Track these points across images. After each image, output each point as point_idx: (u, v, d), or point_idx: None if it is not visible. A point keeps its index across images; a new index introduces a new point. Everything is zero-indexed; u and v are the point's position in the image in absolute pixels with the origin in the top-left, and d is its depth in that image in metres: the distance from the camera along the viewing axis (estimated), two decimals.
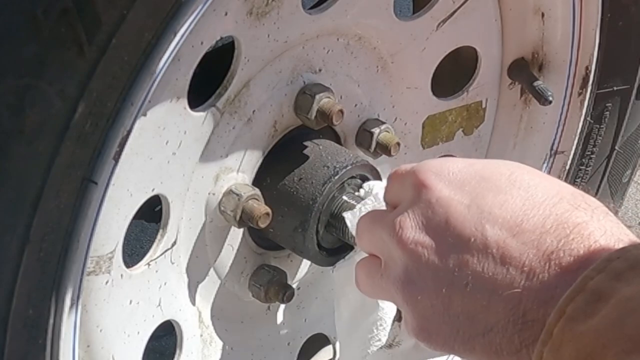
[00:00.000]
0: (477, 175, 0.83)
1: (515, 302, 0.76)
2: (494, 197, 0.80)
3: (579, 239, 0.76)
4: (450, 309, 0.80)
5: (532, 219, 0.78)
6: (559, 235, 0.77)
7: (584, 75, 1.55)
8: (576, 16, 1.48)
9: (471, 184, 0.82)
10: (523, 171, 0.83)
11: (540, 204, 0.79)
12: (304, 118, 1.30)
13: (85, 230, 1.02)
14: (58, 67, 0.91)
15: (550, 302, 0.74)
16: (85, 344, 1.16)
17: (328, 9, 1.27)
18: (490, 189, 0.81)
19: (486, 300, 0.78)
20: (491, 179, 0.82)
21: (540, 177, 0.83)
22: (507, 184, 0.81)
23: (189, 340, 1.33)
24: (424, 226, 0.82)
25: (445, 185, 0.83)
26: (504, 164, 0.84)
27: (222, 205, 1.26)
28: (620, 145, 1.65)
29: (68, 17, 0.89)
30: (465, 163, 0.84)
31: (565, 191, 0.81)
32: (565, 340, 0.71)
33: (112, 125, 0.99)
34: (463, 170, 0.83)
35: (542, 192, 0.80)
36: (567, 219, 0.78)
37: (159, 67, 1.01)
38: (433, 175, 0.84)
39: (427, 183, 0.83)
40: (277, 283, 1.36)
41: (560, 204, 0.79)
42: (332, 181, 1.29)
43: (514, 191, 0.80)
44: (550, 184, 0.82)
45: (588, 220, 0.78)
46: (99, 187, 1.01)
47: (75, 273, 1.04)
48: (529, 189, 0.80)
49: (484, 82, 1.54)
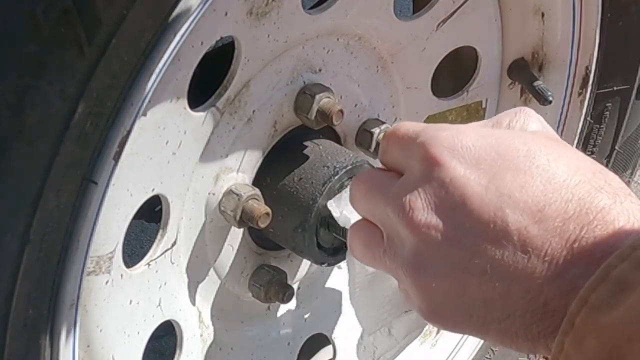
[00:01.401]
0: (492, 150, 0.77)
1: (536, 292, 0.73)
2: (512, 178, 0.75)
3: (603, 226, 0.73)
4: (465, 295, 0.76)
5: (554, 203, 0.74)
6: (582, 221, 0.73)
7: (584, 75, 1.55)
8: (576, 16, 1.48)
9: (487, 161, 0.77)
10: (540, 145, 0.78)
11: (561, 186, 0.75)
12: (304, 118, 1.30)
13: (85, 230, 1.02)
14: (58, 67, 0.91)
15: (572, 292, 0.71)
16: (85, 344, 1.16)
17: (328, 9, 1.27)
18: (508, 167, 0.76)
19: (505, 289, 0.74)
20: (507, 155, 0.77)
21: (558, 151, 0.78)
22: (526, 161, 0.76)
23: (189, 340, 1.33)
24: (437, 208, 0.77)
25: (460, 162, 0.77)
26: (518, 137, 0.79)
27: (222, 205, 1.26)
28: (620, 145, 1.65)
29: (68, 17, 0.89)
30: (478, 134, 0.79)
31: (585, 168, 0.76)
32: (588, 332, 0.68)
33: (112, 125, 0.99)
34: (477, 144, 0.78)
35: (562, 171, 0.76)
36: (590, 203, 0.74)
37: (159, 67, 1.01)
38: (445, 150, 0.78)
39: (439, 159, 0.78)
40: (277, 283, 1.36)
41: (582, 185, 0.75)
42: (332, 181, 1.29)
43: (533, 170, 0.76)
44: (569, 158, 0.77)
45: (611, 204, 0.74)
46: (99, 187, 1.01)
47: (75, 273, 1.04)
48: (549, 169, 0.76)
49: (484, 82, 1.54)
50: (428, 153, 0.78)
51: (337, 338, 1.54)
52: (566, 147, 0.81)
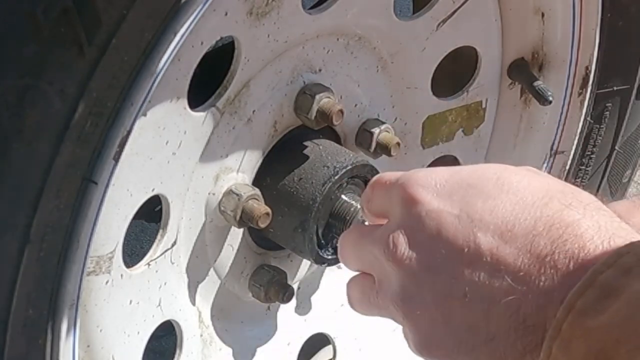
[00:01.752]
0: (464, 183, 0.82)
1: (514, 309, 0.75)
2: (483, 203, 0.79)
3: (573, 239, 0.75)
4: (451, 321, 0.79)
5: (524, 222, 0.77)
6: (552, 236, 0.76)
7: (584, 75, 1.55)
8: (576, 16, 1.48)
9: (459, 192, 0.81)
10: (510, 173, 0.82)
11: (530, 206, 0.78)
12: (304, 118, 1.30)
13: (85, 230, 1.02)
14: (58, 67, 0.91)
15: (549, 306, 0.73)
16: (85, 344, 1.16)
17: (328, 9, 1.27)
18: (478, 195, 0.80)
19: (485, 309, 0.77)
20: (478, 185, 0.81)
21: (528, 177, 0.81)
22: (495, 188, 0.80)
23: (189, 340, 1.33)
24: (416, 241, 0.81)
25: (434, 197, 0.82)
26: (489, 168, 0.83)
27: (222, 205, 1.26)
28: (620, 145, 1.65)
29: (68, 17, 0.89)
30: (451, 171, 0.84)
31: (555, 189, 0.80)
32: (575, 336, 0.70)
33: (112, 125, 0.99)
34: (450, 179, 0.83)
35: (531, 193, 0.79)
36: (559, 218, 0.76)
37: (159, 67, 1.01)
38: (420, 188, 0.83)
39: (416, 197, 0.82)
40: (277, 283, 1.36)
41: (551, 203, 0.78)
42: (332, 181, 1.29)
43: (502, 195, 0.79)
44: (539, 183, 0.80)
45: (580, 218, 0.76)
46: (99, 187, 1.01)
47: (75, 273, 1.04)
48: (518, 192, 0.79)
49: (484, 82, 1.54)
50: (406, 193, 0.83)
51: (337, 338, 1.54)
52: (539, 174, 0.83)
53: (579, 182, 1.66)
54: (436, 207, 0.81)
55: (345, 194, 1.30)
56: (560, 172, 1.63)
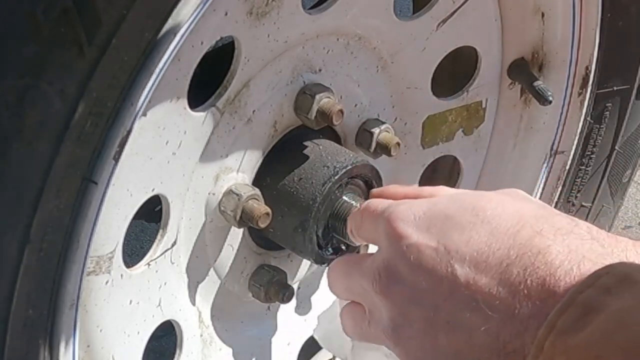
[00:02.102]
0: (441, 214, 0.87)
1: (494, 336, 0.79)
2: (459, 235, 0.84)
3: (543, 267, 0.78)
4: (438, 348, 0.83)
5: (497, 252, 0.81)
6: (524, 264, 0.79)
7: (584, 75, 1.55)
8: (576, 16, 1.48)
9: (437, 225, 0.86)
10: (486, 201, 0.86)
11: (503, 235, 0.82)
12: (304, 118, 1.30)
13: (85, 230, 1.02)
14: (58, 67, 0.91)
15: (525, 332, 0.77)
16: (85, 344, 1.16)
17: (328, 9, 1.27)
18: (455, 227, 0.84)
19: (467, 337, 0.81)
20: (455, 216, 0.85)
21: (502, 204, 0.85)
22: (471, 218, 0.84)
23: (189, 340, 1.33)
24: (400, 274, 0.86)
25: (414, 230, 0.87)
26: (465, 198, 0.88)
27: (222, 205, 1.26)
28: (620, 145, 1.65)
29: (68, 17, 0.89)
30: (430, 204, 0.89)
31: (528, 215, 0.83)
32: (557, 354, 0.72)
33: (112, 125, 0.99)
34: (427, 211, 0.88)
35: (505, 221, 0.83)
36: (530, 246, 0.80)
37: (159, 67, 1.01)
38: (401, 222, 0.88)
39: (397, 231, 0.88)
40: (277, 283, 1.36)
41: (523, 230, 0.81)
42: (332, 181, 1.29)
43: (477, 226, 0.83)
44: (513, 209, 0.84)
45: (550, 244, 0.79)
46: (99, 187, 1.01)
47: (75, 273, 1.04)
48: (492, 220, 0.83)
49: (484, 82, 1.54)
50: (389, 227, 0.89)
51: None
52: (515, 198, 0.88)
53: (579, 182, 1.66)
54: (415, 240, 0.86)
55: (345, 194, 1.30)
56: (560, 172, 1.63)
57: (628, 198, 2.37)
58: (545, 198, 1.64)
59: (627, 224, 2.63)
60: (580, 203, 1.68)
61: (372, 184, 1.34)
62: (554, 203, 1.66)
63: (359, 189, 1.33)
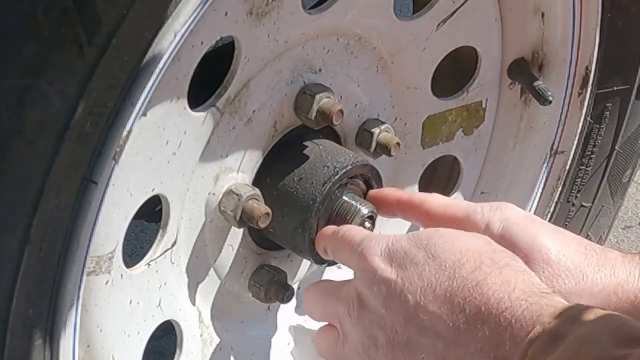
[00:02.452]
0: (401, 251, 1.01)
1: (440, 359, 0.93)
2: (414, 269, 0.98)
3: (480, 296, 0.91)
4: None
5: (444, 284, 0.95)
6: (464, 295, 0.92)
7: (584, 75, 1.55)
8: (576, 16, 1.48)
9: (397, 260, 1.00)
10: (438, 237, 1.00)
11: (449, 269, 0.96)
12: (304, 118, 1.30)
13: (85, 230, 1.02)
14: (58, 67, 0.91)
15: (465, 357, 0.90)
16: (85, 344, 1.16)
17: (328, 9, 1.27)
18: (411, 262, 0.99)
19: (423, 358, 0.94)
20: (411, 252, 1.00)
21: (452, 241, 0.99)
22: (424, 255, 0.99)
23: (189, 340, 1.33)
24: (369, 302, 1.01)
25: (380, 264, 1.01)
26: (422, 235, 1.02)
27: (222, 205, 1.26)
28: (620, 145, 1.65)
29: (68, 17, 0.89)
30: (394, 241, 1.03)
31: (472, 250, 0.97)
32: None
33: (112, 125, 0.99)
34: (392, 248, 1.02)
35: (451, 257, 0.97)
36: (470, 279, 0.93)
37: (159, 67, 1.01)
38: (370, 257, 1.03)
39: (367, 265, 1.02)
40: (277, 283, 1.36)
41: (467, 264, 0.95)
42: (332, 181, 1.29)
43: (429, 261, 0.98)
44: (460, 246, 0.98)
45: (486, 277, 0.93)
46: (99, 187, 1.01)
47: (75, 273, 1.04)
48: (441, 256, 0.97)
49: (484, 82, 1.54)
50: (362, 260, 1.04)
51: None
52: (465, 236, 1.01)
53: (579, 182, 1.66)
54: (380, 274, 1.00)
55: (346, 194, 1.30)
56: (560, 172, 1.63)
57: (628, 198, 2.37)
58: (545, 198, 1.64)
59: (627, 224, 2.63)
60: (580, 203, 1.68)
61: (372, 184, 1.34)
62: (554, 203, 1.66)
63: (359, 189, 1.33)
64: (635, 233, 2.60)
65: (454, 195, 1.61)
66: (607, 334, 0.83)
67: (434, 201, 1.22)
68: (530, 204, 1.64)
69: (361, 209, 1.29)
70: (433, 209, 1.21)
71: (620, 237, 2.58)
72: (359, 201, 1.30)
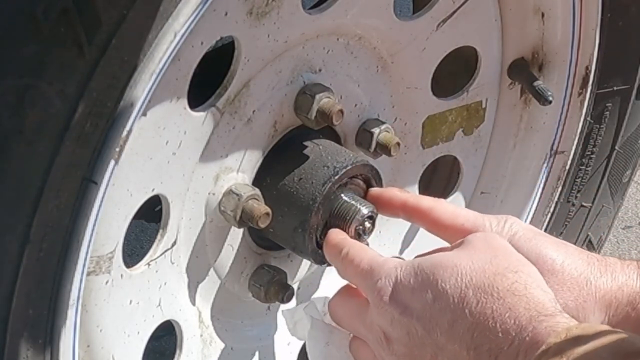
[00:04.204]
0: (411, 289, 1.07)
1: None
2: (428, 310, 1.05)
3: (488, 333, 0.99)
4: None
5: (456, 323, 1.02)
6: (474, 328, 1.00)
7: (584, 75, 1.55)
8: (576, 16, 1.48)
9: (409, 299, 1.06)
10: (443, 271, 1.05)
11: (456, 305, 1.03)
12: (304, 118, 1.30)
13: (85, 230, 1.02)
14: (58, 67, 0.91)
15: None
16: (85, 344, 1.16)
17: (328, 9, 1.27)
18: (422, 301, 1.05)
19: None
20: (421, 290, 1.06)
21: (455, 273, 1.04)
22: (433, 292, 1.05)
23: (189, 340, 1.33)
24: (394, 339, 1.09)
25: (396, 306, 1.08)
26: (427, 268, 1.07)
27: (222, 205, 1.26)
28: (620, 145, 1.65)
29: (68, 17, 0.89)
30: (402, 276, 1.09)
31: (475, 280, 1.03)
32: None
33: (112, 125, 0.99)
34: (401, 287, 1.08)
35: (456, 293, 1.03)
36: (478, 313, 1.00)
37: (159, 67, 1.01)
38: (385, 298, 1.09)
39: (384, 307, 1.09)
40: (277, 283, 1.36)
41: (472, 299, 1.02)
42: (332, 181, 1.29)
43: (438, 299, 1.04)
44: (465, 278, 1.04)
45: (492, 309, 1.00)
46: (99, 187, 1.01)
47: (75, 273, 1.04)
48: (449, 292, 1.04)
49: (484, 82, 1.54)
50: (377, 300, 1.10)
51: None
52: (467, 259, 1.06)
53: (579, 182, 1.66)
54: (399, 316, 1.07)
55: (345, 194, 1.30)
56: (560, 172, 1.63)
57: (628, 198, 2.37)
58: (545, 198, 1.64)
59: (627, 224, 2.63)
60: (580, 203, 1.68)
61: (372, 184, 1.34)
62: (554, 203, 1.66)
63: (359, 188, 1.33)
64: (635, 233, 2.60)
65: (454, 195, 1.61)
66: (607, 349, 0.89)
67: (441, 209, 1.23)
68: (530, 204, 1.64)
69: (361, 209, 1.29)
70: (441, 217, 1.23)
71: (620, 237, 2.58)
72: (359, 201, 1.30)
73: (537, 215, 1.65)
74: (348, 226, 1.29)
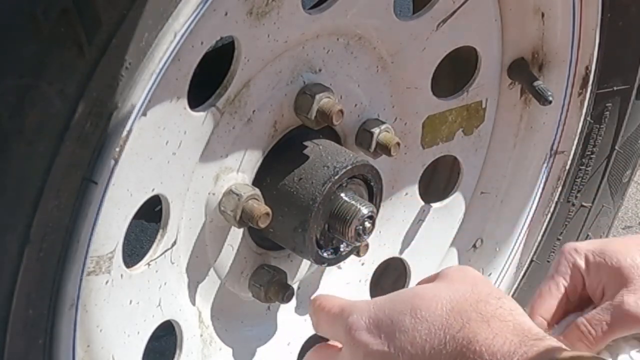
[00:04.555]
0: (387, 319, 1.01)
1: None
2: (405, 337, 0.98)
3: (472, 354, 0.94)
4: None
5: (437, 347, 0.96)
6: (456, 354, 0.95)
7: (584, 75, 1.55)
8: (576, 16, 1.48)
9: (385, 330, 1.00)
10: (419, 300, 1.00)
11: (439, 331, 0.97)
12: (304, 118, 1.30)
13: (85, 230, 1.02)
14: (58, 67, 0.91)
15: None
16: (85, 344, 1.16)
17: (328, 9, 1.27)
18: (400, 330, 0.99)
19: None
20: (398, 320, 1.00)
21: (435, 300, 0.99)
22: (410, 321, 0.99)
23: (189, 340, 1.33)
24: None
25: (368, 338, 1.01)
26: (404, 298, 1.02)
27: (222, 205, 1.26)
28: (620, 145, 1.65)
29: (68, 17, 0.89)
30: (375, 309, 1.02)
31: (458, 307, 0.98)
32: None
33: (112, 125, 0.99)
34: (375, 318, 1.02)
35: (438, 318, 0.98)
36: (461, 337, 0.95)
37: (159, 67, 1.01)
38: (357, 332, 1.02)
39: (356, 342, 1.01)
40: (277, 283, 1.36)
41: (455, 323, 0.97)
42: (332, 181, 1.29)
43: (417, 326, 0.98)
44: (446, 305, 0.99)
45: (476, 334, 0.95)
46: (99, 187, 1.01)
47: (75, 273, 1.04)
48: (428, 319, 0.98)
49: (484, 82, 1.54)
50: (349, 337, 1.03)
51: None
52: (449, 285, 1.02)
53: (579, 182, 1.66)
54: (371, 348, 1.00)
55: (345, 194, 1.30)
56: (560, 172, 1.63)
57: (628, 198, 2.37)
58: (545, 198, 1.64)
59: (627, 224, 2.63)
60: (580, 203, 1.68)
61: (372, 184, 1.34)
62: (554, 203, 1.66)
63: (360, 188, 1.33)
64: (635, 233, 2.60)
65: (454, 195, 1.61)
66: None
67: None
68: (530, 204, 1.64)
69: (361, 209, 1.29)
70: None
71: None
72: (359, 201, 1.30)
73: (537, 215, 1.65)
74: (348, 226, 1.29)
